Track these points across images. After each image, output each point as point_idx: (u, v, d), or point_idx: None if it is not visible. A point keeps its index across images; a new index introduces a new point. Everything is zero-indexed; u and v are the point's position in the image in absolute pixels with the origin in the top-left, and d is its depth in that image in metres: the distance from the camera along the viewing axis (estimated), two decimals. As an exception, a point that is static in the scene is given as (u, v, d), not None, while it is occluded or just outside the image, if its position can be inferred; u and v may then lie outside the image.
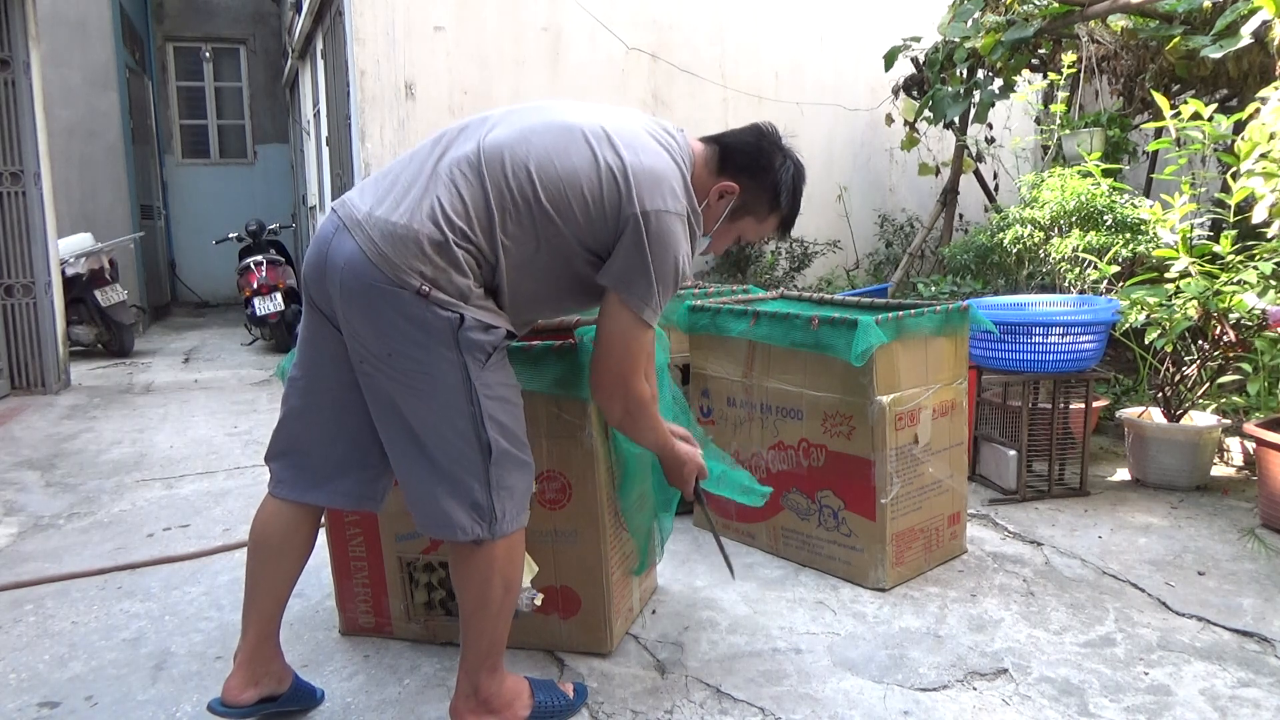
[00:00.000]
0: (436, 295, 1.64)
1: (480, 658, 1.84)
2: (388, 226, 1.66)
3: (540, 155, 1.73)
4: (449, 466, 1.74)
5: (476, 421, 1.71)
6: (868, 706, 2.02)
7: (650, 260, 1.73)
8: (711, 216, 1.93)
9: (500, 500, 1.75)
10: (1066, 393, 3.48)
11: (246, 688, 1.90)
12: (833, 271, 7.31)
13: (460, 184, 1.70)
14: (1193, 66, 4.58)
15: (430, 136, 1.85)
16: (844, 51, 7.33)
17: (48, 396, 5.75)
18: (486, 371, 1.71)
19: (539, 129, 1.77)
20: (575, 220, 1.73)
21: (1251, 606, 2.50)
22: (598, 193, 1.73)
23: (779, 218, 1.98)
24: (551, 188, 1.71)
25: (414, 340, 1.67)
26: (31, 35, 5.71)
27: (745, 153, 1.92)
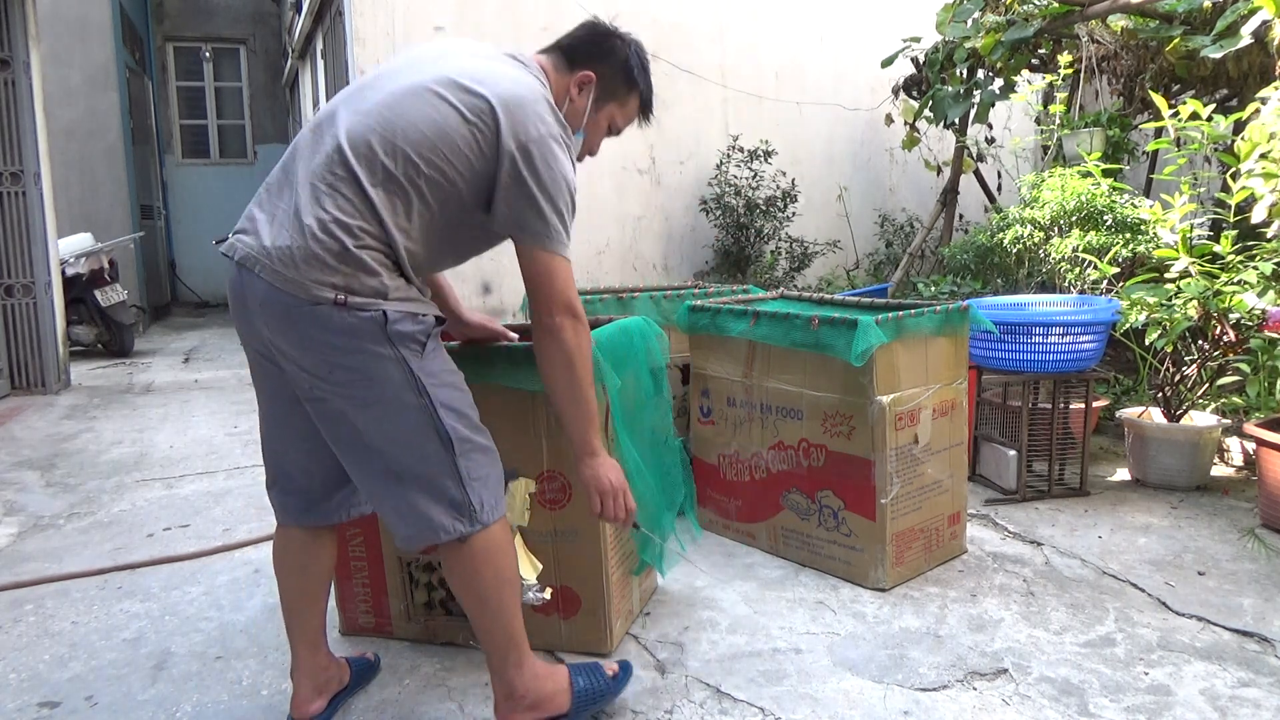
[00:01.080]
0: (354, 300, 1.62)
1: (501, 656, 1.83)
2: (284, 253, 1.62)
3: (405, 127, 1.67)
4: (417, 470, 1.71)
5: (431, 414, 1.69)
6: (868, 706, 2.02)
7: (537, 192, 1.70)
8: (577, 112, 1.90)
9: (475, 491, 1.73)
10: (1066, 393, 3.48)
11: (313, 699, 1.94)
12: (833, 271, 7.31)
13: (339, 185, 1.65)
14: (1193, 66, 4.58)
15: (289, 147, 1.80)
16: (844, 51, 7.34)
17: (48, 396, 5.75)
18: (426, 361, 1.69)
19: (392, 102, 1.70)
20: (461, 175, 1.69)
21: (1251, 606, 2.50)
22: (472, 141, 1.68)
23: (639, 95, 1.99)
24: (429, 154, 1.66)
25: (346, 350, 1.64)
26: (31, 35, 5.71)
27: (586, 42, 1.93)
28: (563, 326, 1.77)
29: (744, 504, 2.97)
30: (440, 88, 1.71)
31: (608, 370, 2.11)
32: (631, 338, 2.35)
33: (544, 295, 1.76)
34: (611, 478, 1.90)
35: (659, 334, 2.48)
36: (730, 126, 6.92)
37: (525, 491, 2.17)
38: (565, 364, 1.79)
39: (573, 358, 1.79)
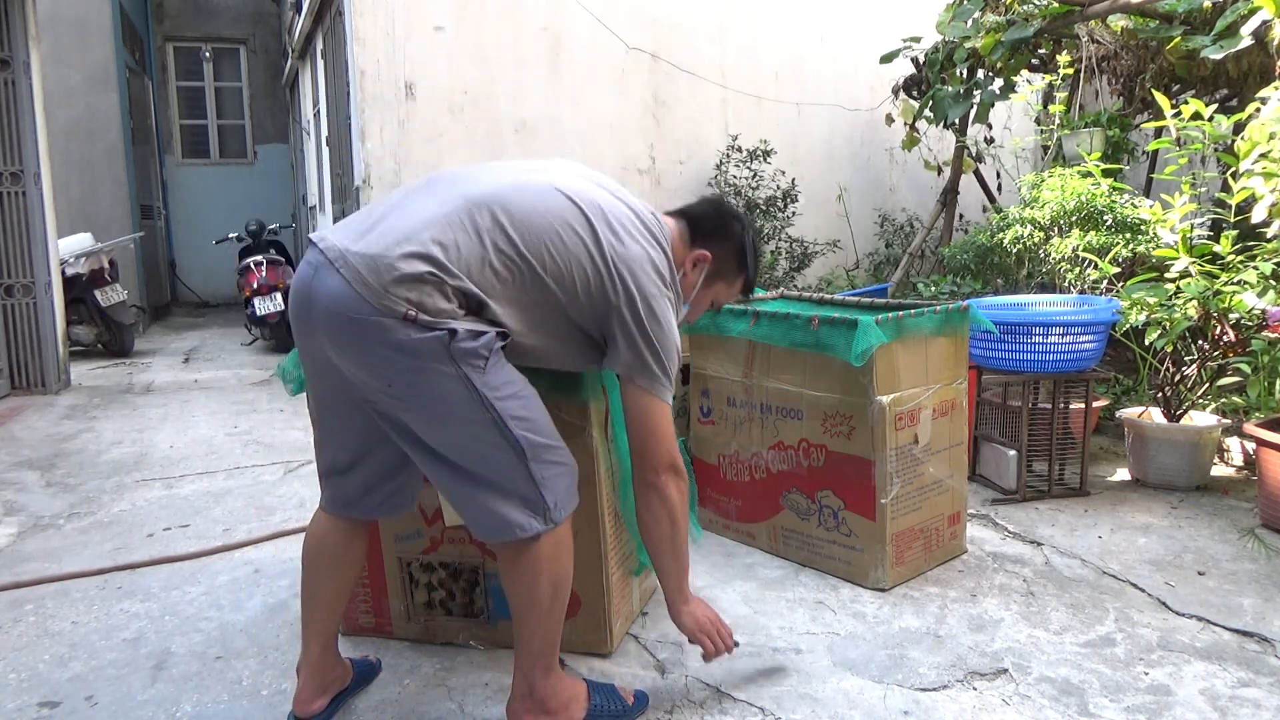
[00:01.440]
0: (424, 319, 1.63)
1: (533, 657, 1.84)
2: (371, 260, 1.65)
3: (538, 223, 1.75)
4: (490, 475, 1.75)
5: (501, 426, 1.71)
6: (868, 706, 2.02)
7: (651, 344, 1.82)
8: (689, 285, 2.03)
9: (549, 490, 1.77)
10: (1066, 393, 3.48)
11: (317, 697, 1.95)
12: (833, 271, 7.31)
13: (456, 229, 1.70)
14: (1193, 66, 4.58)
15: (419, 180, 1.88)
16: (844, 51, 7.34)
17: (48, 396, 5.75)
18: (489, 375, 1.70)
19: (541, 193, 1.79)
20: (573, 294, 1.78)
21: (1251, 606, 2.50)
22: (594, 275, 1.78)
23: (744, 278, 2.13)
24: (552, 260, 1.74)
25: (409, 367, 1.66)
26: (31, 35, 5.71)
27: (710, 221, 2.05)
28: (667, 485, 1.90)
29: (744, 504, 2.97)
30: (590, 213, 1.80)
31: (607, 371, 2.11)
32: (632, 338, 2.35)
33: (650, 449, 1.88)
34: (707, 616, 2.05)
35: None
36: (730, 126, 6.92)
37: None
38: (669, 521, 1.92)
39: (675, 515, 1.92)
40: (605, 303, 1.80)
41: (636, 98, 6.60)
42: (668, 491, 1.89)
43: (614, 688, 2.01)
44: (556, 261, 1.75)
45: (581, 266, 1.77)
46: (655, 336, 1.82)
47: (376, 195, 5.89)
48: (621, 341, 1.82)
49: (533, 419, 1.77)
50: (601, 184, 1.92)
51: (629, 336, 1.81)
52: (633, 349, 1.82)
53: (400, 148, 5.90)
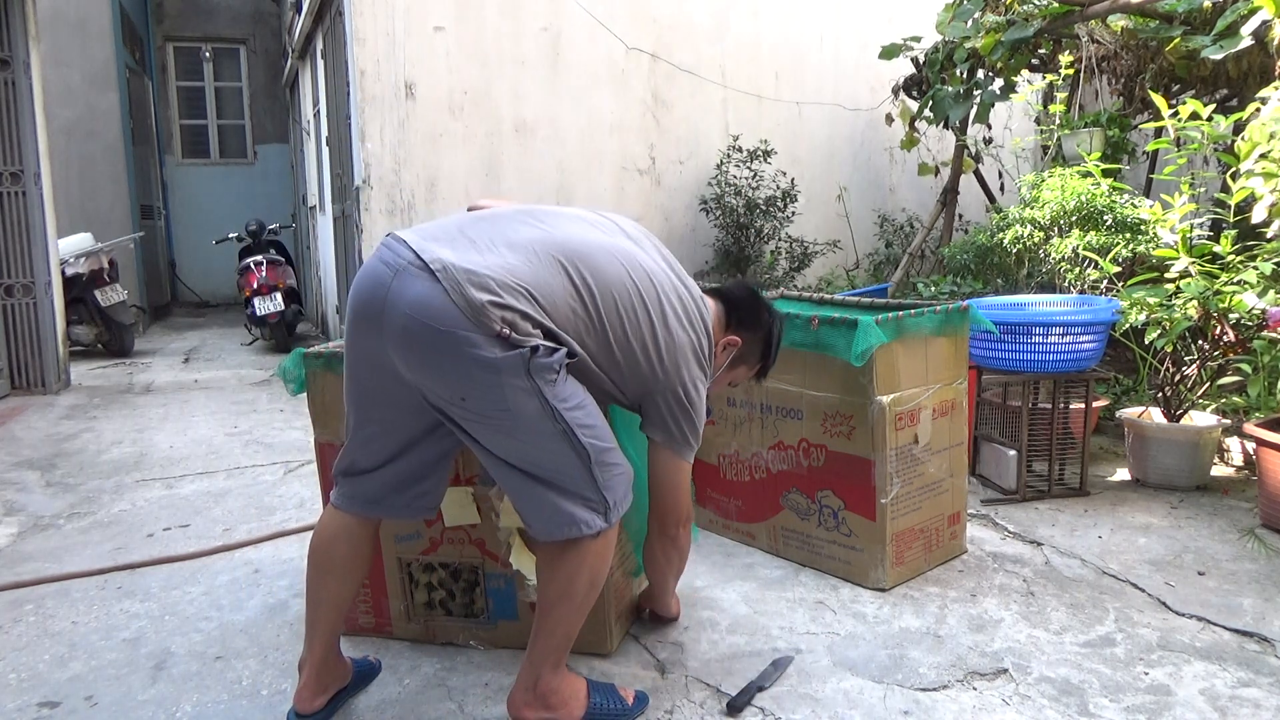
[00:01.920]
0: (514, 337, 1.68)
1: (549, 651, 1.88)
2: (473, 275, 1.69)
3: (619, 296, 1.84)
4: (555, 478, 1.82)
5: (570, 436, 1.78)
6: (868, 706, 2.02)
7: (686, 418, 1.97)
8: (716, 365, 2.13)
9: (610, 490, 1.85)
10: (1066, 393, 3.48)
11: (318, 695, 1.96)
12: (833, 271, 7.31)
13: (551, 274, 1.78)
14: (1193, 66, 4.58)
15: (516, 207, 1.98)
16: (844, 51, 7.34)
17: (48, 396, 5.75)
18: (559, 387, 1.76)
19: (621, 262, 1.88)
20: (623, 365, 1.88)
21: (1251, 606, 2.50)
22: (644, 356, 1.89)
23: (764, 365, 2.26)
24: (621, 330, 1.84)
25: (486, 383, 1.70)
26: (31, 35, 5.71)
27: (747, 310, 2.18)
28: (679, 537, 2.12)
29: (744, 504, 2.97)
30: (656, 288, 1.91)
31: None
32: (632, 338, 2.35)
33: (671, 505, 2.06)
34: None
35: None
36: (730, 126, 6.92)
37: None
38: (679, 562, 2.22)
39: (685, 556, 2.22)
40: (649, 382, 1.92)
41: (636, 98, 6.60)
42: (682, 543, 2.14)
43: (614, 687, 2.02)
44: (626, 332, 1.85)
45: (643, 343, 1.87)
46: (690, 413, 1.97)
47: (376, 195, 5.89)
48: (656, 415, 1.96)
49: (596, 426, 1.84)
50: (661, 253, 2.03)
51: (668, 412, 1.95)
52: (666, 423, 1.96)
53: (400, 148, 5.89)
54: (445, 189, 6.04)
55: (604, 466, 1.84)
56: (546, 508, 1.82)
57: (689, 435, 1.99)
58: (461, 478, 2.23)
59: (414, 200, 5.96)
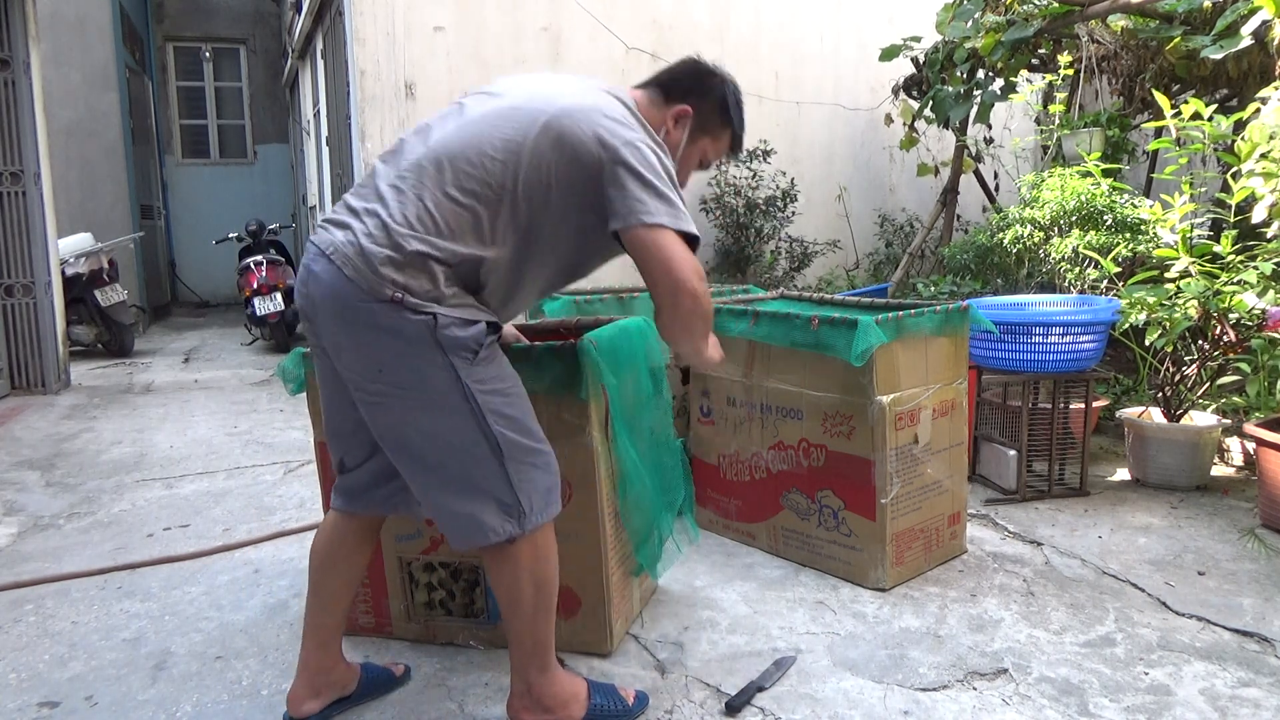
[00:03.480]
0: (410, 300, 1.64)
1: (526, 656, 1.85)
2: (357, 247, 1.66)
3: (486, 143, 1.71)
4: (466, 473, 1.73)
5: (480, 419, 1.70)
6: (868, 706, 2.02)
7: (643, 176, 1.68)
8: (673, 144, 1.92)
9: (525, 494, 1.75)
10: (1066, 393, 3.48)
11: (308, 698, 1.95)
12: (833, 271, 7.31)
13: (419, 192, 1.69)
14: (1193, 66, 4.58)
15: (393, 144, 1.85)
16: (844, 51, 7.34)
17: (48, 396, 5.75)
18: (477, 368, 1.70)
19: (492, 118, 1.75)
20: (565, 190, 1.71)
21: (1251, 606, 2.50)
22: (570, 157, 1.70)
23: (731, 133, 2.02)
24: (526, 174, 1.70)
25: (396, 351, 1.67)
26: (31, 35, 5.71)
27: (685, 78, 1.96)
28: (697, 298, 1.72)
29: (744, 504, 2.97)
30: (542, 110, 1.74)
31: (607, 370, 2.11)
32: (631, 338, 2.35)
33: (673, 283, 1.69)
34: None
35: (659, 334, 2.48)
36: (730, 126, 6.91)
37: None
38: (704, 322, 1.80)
39: (708, 313, 1.79)
40: (586, 186, 1.71)
41: (636, 98, 6.59)
42: (704, 303, 1.75)
43: (614, 688, 2.01)
44: (525, 180, 1.70)
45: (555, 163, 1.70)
46: (650, 172, 1.69)
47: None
48: (619, 201, 1.68)
49: (516, 418, 1.75)
50: (547, 80, 1.87)
51: (625, 186, 1.68)
52: (622, 189, 1.68)
53: (400, 148, 5.88)
54: (445, 189, 6.03)
55: (520, 464, 1.74)
56: (456, 513, 1.74)
57: (654, 193, 1.68)
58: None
59: (414, 200, 5.95)
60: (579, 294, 3.36)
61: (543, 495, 1.78)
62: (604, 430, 2.19)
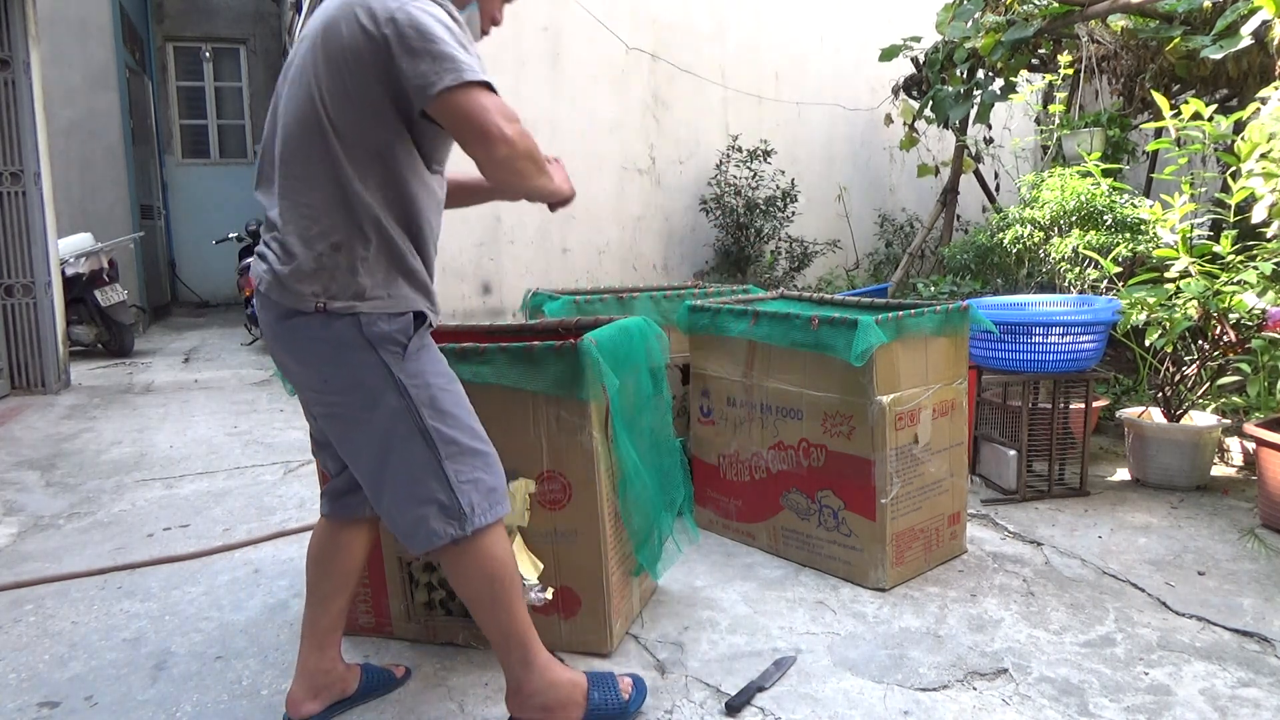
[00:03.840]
0: (333, 306, 1.66)
1: (504, 652, 1.85)
2: (271, 273, 1.68)
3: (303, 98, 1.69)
4: (406, 473, 1.72)
5: (415, 415, 1.69)
6: (868, 706, 2.02)
7: (424, 42, 1.58)
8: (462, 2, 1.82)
9: (464, 494, 1.72)
10: (1066, 393, 3.48)
11: (306, 699, 1.95)
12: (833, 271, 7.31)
13: (290, 189, 1.69)
14: (1193, 66, 4.58)
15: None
16: (844, 51, 7.34)
17: (48, 396, 5.75)
18: (409, 362, 1.70)
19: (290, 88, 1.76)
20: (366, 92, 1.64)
21: (1251, 606, 2.50)
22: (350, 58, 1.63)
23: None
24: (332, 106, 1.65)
25: (331, 359, 1.69)
26: (31, 35, 5.71)
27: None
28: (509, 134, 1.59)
29: (744, 504, 2.97)
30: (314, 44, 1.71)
31: (607, 370, 2.11)
32: (631, 338, 2.35)
33: (479, 130, 1.58)
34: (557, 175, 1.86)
35: (659, 334, 2.48)
36: (730, 126, 6.92)
37: (525, 492, 2.17)
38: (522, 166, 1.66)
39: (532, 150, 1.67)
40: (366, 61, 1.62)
41: (636, 98, 6.60)
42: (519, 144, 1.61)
43: (613, 677, 1.98)
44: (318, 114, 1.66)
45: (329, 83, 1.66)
46: (414, 32, 1.59)
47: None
48: (401, 67, 1.59)
49: (453, 414, 1.73)
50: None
51: (402, 55, 1.59)
52: (410, 61, 1.59)
53: (400, 148, 5.89)
54: (445, 189, 6.03)
55: (458, 462, 1.71)
56: (401, 515, 1.73)
57: (440, 57, 1.57)
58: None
59: (414, 200, 5.95)
60: (579, 294, 3.36)
61: (484, 495, 1.75)
62: (604, 430, 2.19)
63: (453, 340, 2.49)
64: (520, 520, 2.18)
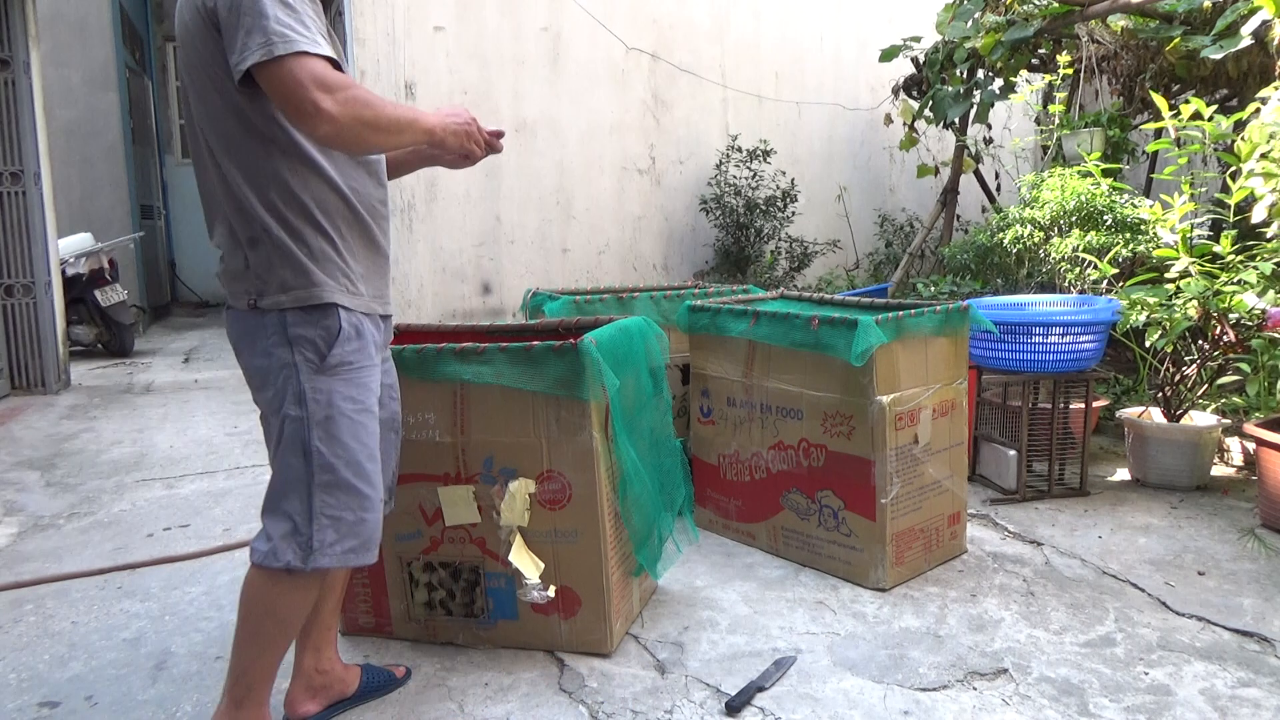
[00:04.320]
0: (262, 302, 1.66)
1: (231, 680, 1.75)
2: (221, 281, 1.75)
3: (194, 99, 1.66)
4: (281, 483, 1.67)
5: (304, 426, 1.62)
6: (868, 706, 2.02)
7: (237, 14, 1.51)
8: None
9: (320, 527, 1.63)
10: (1066, 393, 3.48)
11: (304, 700, 1.95)
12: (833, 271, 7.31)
13: (203, 192, 1.72)
14: (1193, 66, 4.58)
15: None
16: (844, 51, 7.34)
17: (48, 396, 5.75)
18: (320, 376, 1.64)
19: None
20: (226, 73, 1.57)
21: (1251, 606, 2.50)
22: (200, 42, 1.58)
23: None
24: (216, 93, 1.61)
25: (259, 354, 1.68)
26: (31, 35, 5.71)
27: None
28: (323, 107, 1.49)
29: (744, 504, 2.97)
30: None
31: (607, 370, 2.11)
32: (631, 338, 2.35)
33: (293, 105, 1.50)
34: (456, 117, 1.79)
35: (659, 334, 2.48)
36: (730, 126, 6.92)
37: (525, 491, 2.17)
38: (357, 136, 1.56)
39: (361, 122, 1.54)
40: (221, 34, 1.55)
41: (636, 98, 6.60)
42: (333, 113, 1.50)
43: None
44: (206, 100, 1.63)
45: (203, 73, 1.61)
46: (227, 4, 1.52)
47: (376, 195, 5.89)
48: (225, 37, 1.53)
49: (342, 443, 1.65)
50: None
51: (225, 27, 1.53)
52: (230, 34, 1.51)
53: (400, 148, 5.89)
54: (445, 189, 6.04)
55: (328, 493, 1.63)
56: (266, 518, 1.67)
57: (254, 30, 1.49)
58: (462, 477, 2.23)
59: (414, 200, 5.97)
60: (579, 294, 3.36)
61: (342, 541, 1.66)
62: (604, 430, 2.19)
63: (453, 340, 2.49)
64: (520, 520, 2.18)
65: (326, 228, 1.68)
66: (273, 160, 1.63)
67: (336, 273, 1.68)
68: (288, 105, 1.51)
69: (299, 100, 1.49)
